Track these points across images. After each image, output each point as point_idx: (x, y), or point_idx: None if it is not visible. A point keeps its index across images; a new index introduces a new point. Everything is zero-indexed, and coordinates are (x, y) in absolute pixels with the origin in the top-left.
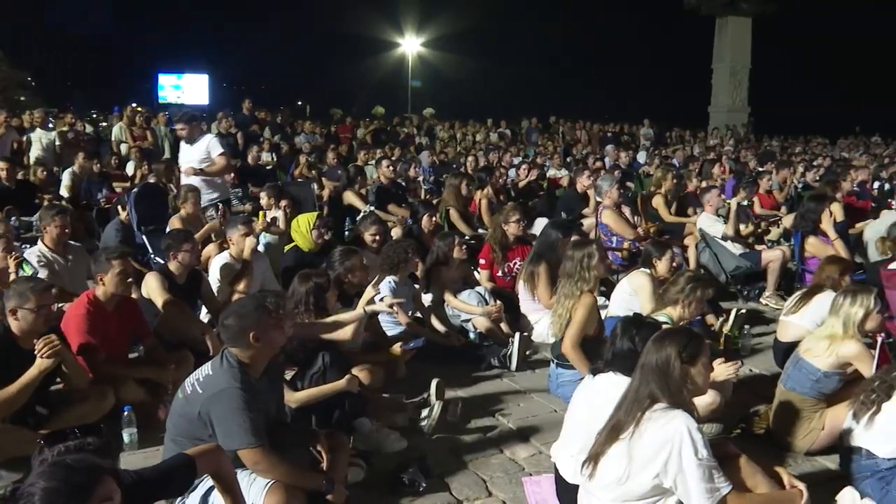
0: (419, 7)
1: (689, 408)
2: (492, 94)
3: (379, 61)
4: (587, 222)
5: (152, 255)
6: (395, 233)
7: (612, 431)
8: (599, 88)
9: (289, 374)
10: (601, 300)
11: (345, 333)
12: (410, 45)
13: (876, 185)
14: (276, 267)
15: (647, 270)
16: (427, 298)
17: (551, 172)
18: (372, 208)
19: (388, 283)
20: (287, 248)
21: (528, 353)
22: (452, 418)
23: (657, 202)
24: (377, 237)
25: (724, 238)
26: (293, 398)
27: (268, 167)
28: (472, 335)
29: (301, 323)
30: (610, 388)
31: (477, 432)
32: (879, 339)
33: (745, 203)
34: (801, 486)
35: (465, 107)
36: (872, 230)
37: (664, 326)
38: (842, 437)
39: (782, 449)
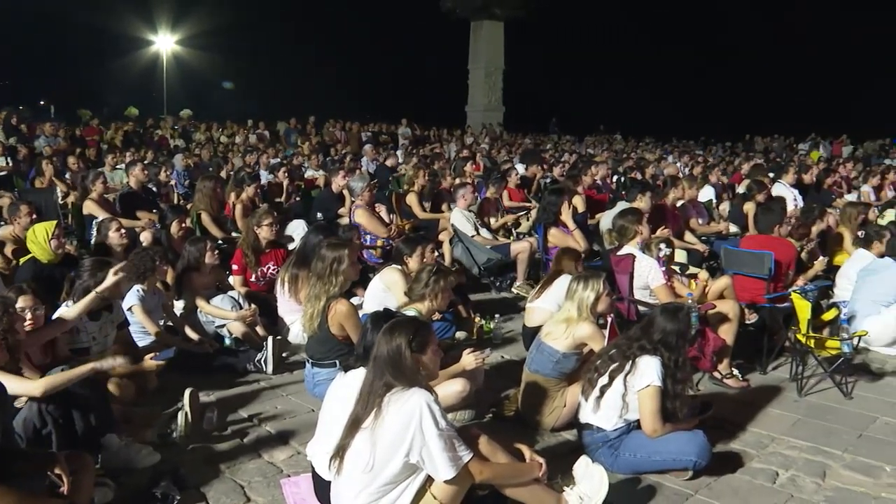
0: (173, 3)
1: (426, 386)
2: (251, 95)
3: (132, 59)
4: (343, 222)
5: None
6: (145, 239)
7: (353, 425)
8: (359, 88)
9: None
10: None
11: None
12: (164, 42)
13: (615, 178)
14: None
15: (399, 267)
16: (179, 305)
17: (309, 173)
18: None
19: (135, 292)
20: (23, 259)
21: (284, 354)
22: (208, 426)
23: (411, 199)
24: (123, 237)
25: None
26: (33, 386)
27: (1, 173)
28: (227, 341)
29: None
30: (360, 382)
31: (234, 438)
32: (609, 319)
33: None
34: (540, 459)
35: (224, 108)
36: (607, 220)
37: None
38: (577, 413)
39: (531, 428)
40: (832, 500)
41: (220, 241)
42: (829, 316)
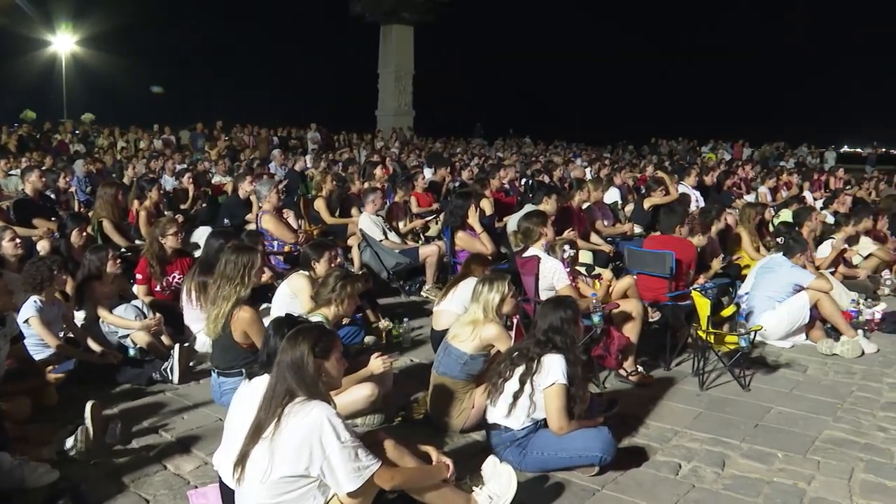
0: (71, 2)
1: (326, 399)
2: (156, 99)
3: (27, 60)
4: (251, 228)
5: None
6: (42, 248)
7: (256, 432)
8: (268, 93)
9: None
10: None
11: None
12: (63, 43)
13: (523, 181)
14: None
15: (306, 273)
16: (80, 316)
17: (216, 179)
18: None
19: (32, 303)
20: None
21: (191, 363)
22: (112, 440)
23: (319, 205)
24: (18, 247)
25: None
26: None
27: None
28: (132, 351)
29: None
30: (263, 389)
31: (139, 451)
32: (515, 321)
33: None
34: (448, 460)
35: (128, 112)
36: (513, 223)
37: None
38: (485, 414)
39: (440, 430)
40: (730, 488)
41: (123, 250)
42: (727, 312)
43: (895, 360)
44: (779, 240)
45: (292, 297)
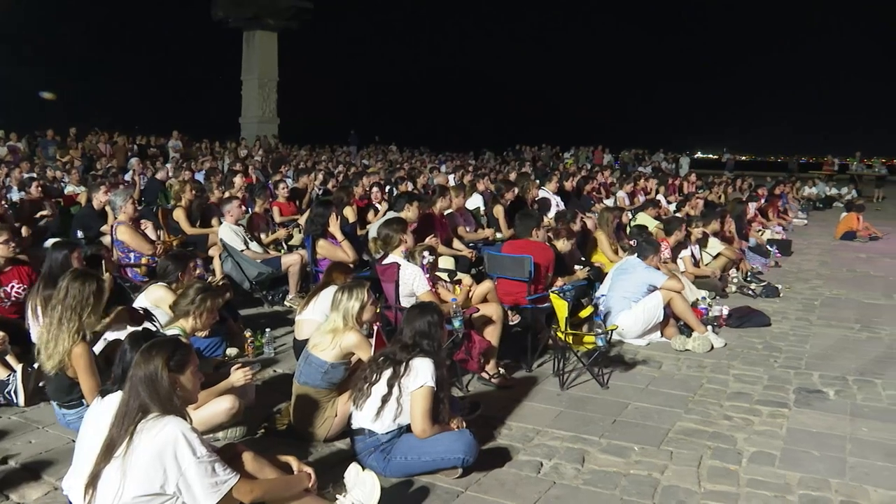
0: None
1: (181, 413)
2: (4, 101)
3: None
4: (106, 240)
5: None
6: None
7: (107, 450)
8: (127, 99)
9: None
10: None
11: None
12: None
13: (387, 189)
14: None
15: (164, 283)
16: None
17: (69, 189)
18: None
19: None
20: None
21: (41, 384)
22: None
23: (178, 215)
24: None
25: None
26: None
27: None
28: None
29: None
30: (116, 406)
31: None
32: (376, 328)
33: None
34: (309, 469)
35: None
36: (374, 230)
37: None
38: (349, 421)
39: (304, 440)
40: (589, 482)
41: None
42: (585, 313)
43: (740, 352)
44: (631, 242)
45: (152, 309)
